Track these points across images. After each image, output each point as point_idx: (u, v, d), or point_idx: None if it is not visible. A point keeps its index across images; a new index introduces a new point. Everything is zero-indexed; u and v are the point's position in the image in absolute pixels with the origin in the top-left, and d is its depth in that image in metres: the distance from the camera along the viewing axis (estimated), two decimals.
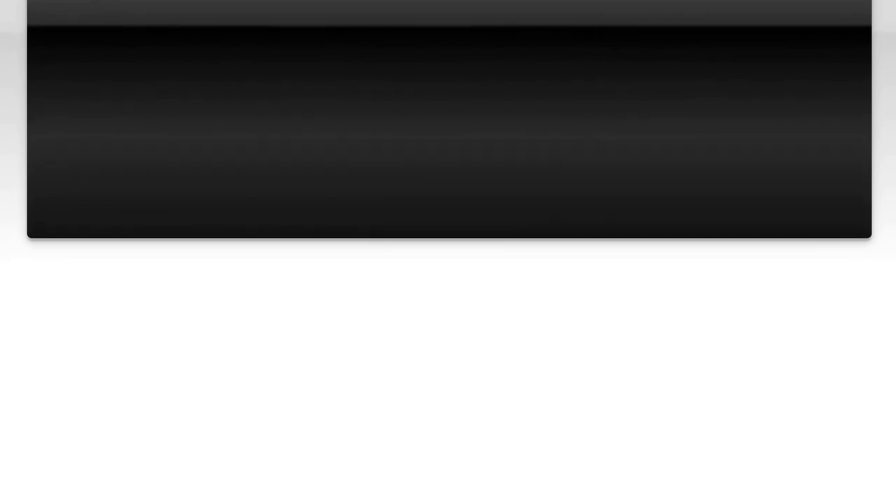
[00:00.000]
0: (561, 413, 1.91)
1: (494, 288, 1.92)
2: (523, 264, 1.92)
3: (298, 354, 1.91)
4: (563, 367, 1.91)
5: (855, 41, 1.90)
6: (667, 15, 1.90)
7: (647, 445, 1.92)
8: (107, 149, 1.88)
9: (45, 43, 1.88)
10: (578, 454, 1.92)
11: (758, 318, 1.92)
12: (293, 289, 1.91)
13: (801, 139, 1.89)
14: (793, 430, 1.92)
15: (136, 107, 1.88)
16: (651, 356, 1.91)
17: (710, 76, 1.90)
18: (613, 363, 1.91)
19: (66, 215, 1.88)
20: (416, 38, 1.89)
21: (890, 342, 1.92)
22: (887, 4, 1.94)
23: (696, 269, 1.92)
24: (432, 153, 1.89)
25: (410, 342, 1.92)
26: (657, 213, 1.89)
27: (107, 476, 1.91)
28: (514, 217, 1.89)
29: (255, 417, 1.91)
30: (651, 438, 1.92)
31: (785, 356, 1.92)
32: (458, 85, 1.89)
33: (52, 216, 1.88)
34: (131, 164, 1.88)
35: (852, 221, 1.89)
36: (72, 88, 1.88)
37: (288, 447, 1.91)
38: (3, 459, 1.91)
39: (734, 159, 1.89)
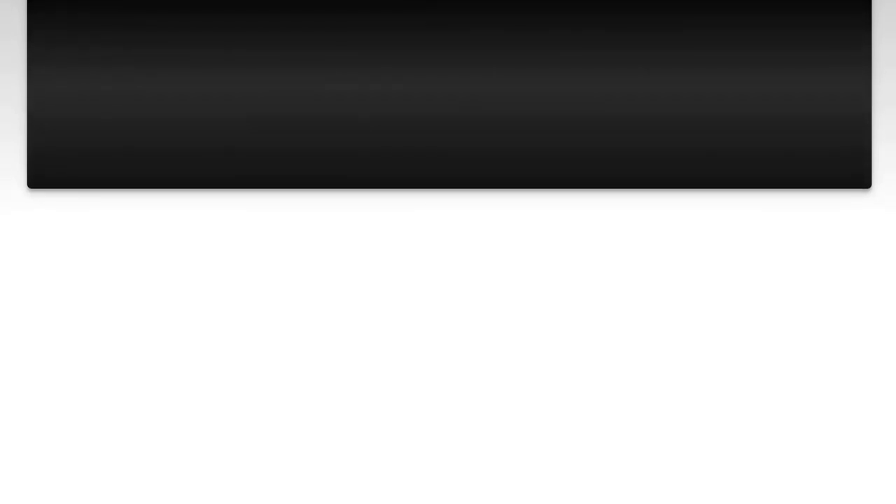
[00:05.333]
0: (568, 364, 1.92)
1: (497, 237, 1.92)
2: (518, 214, 1.92)
3: (297, 302, 1.91)
4: (560, 316, 1.92)
5: None
6: None
7: (648, 398, 1.92)
8: (106, 99, 1.88)
9: None
10: (579, 410, 1.92)
11: (758, 267, 1.92)
12: (293, 237, 1.92)
13: (802, 90, 1.89)
14: (792, 379, 1.92)
15: (135, 58, 1.88)
16: (651, 305, 1.91)
17: (711, 27, 1.89)
18: (614, 310, 1.92)
19: (66, 166, 1.88)
20: None
21: (889, 291, 1.92)
22: None
23: (696, 218, 1.92)
24: (435, 104, 1.89)
25: (410, 286, 1.92)
26: (658, 163, 1.89)
27: (109, 427, 1.92)
28: (512, 167, 1.89)
29: (255, 363, 1.92)
30: (651, 390, 1.92)
31: (785, 305, 1.92)
32: (461, 36, 1.89)
33: (51, 167, 1.88)
34: (130, 114, 1.88)
35: (853, 172, 1.89)
36: (72, 39, 1.88)
37: (286, 396, 1.91)
38: (3, 410, 1.91)
39: (734, 110, 1.89)
